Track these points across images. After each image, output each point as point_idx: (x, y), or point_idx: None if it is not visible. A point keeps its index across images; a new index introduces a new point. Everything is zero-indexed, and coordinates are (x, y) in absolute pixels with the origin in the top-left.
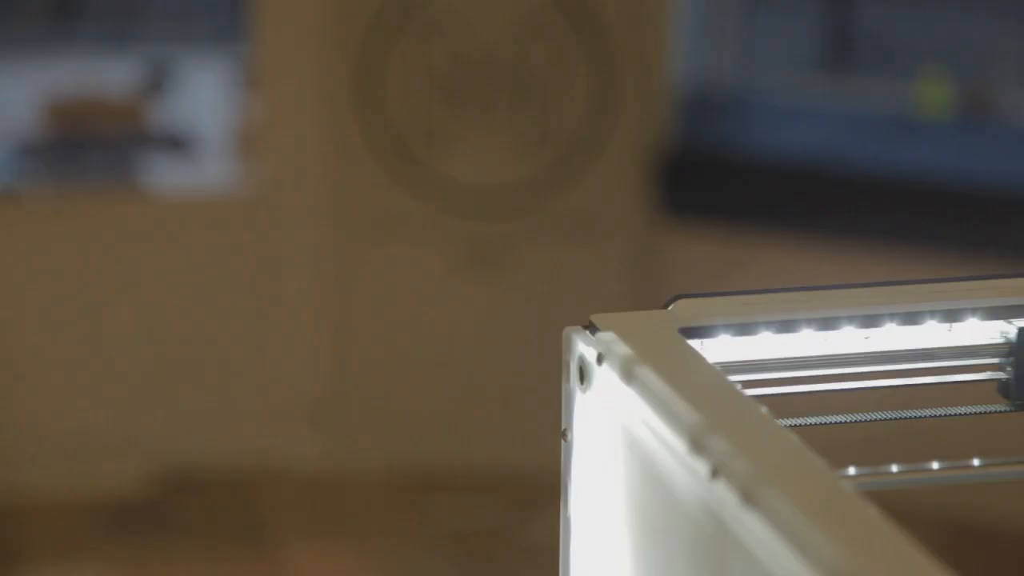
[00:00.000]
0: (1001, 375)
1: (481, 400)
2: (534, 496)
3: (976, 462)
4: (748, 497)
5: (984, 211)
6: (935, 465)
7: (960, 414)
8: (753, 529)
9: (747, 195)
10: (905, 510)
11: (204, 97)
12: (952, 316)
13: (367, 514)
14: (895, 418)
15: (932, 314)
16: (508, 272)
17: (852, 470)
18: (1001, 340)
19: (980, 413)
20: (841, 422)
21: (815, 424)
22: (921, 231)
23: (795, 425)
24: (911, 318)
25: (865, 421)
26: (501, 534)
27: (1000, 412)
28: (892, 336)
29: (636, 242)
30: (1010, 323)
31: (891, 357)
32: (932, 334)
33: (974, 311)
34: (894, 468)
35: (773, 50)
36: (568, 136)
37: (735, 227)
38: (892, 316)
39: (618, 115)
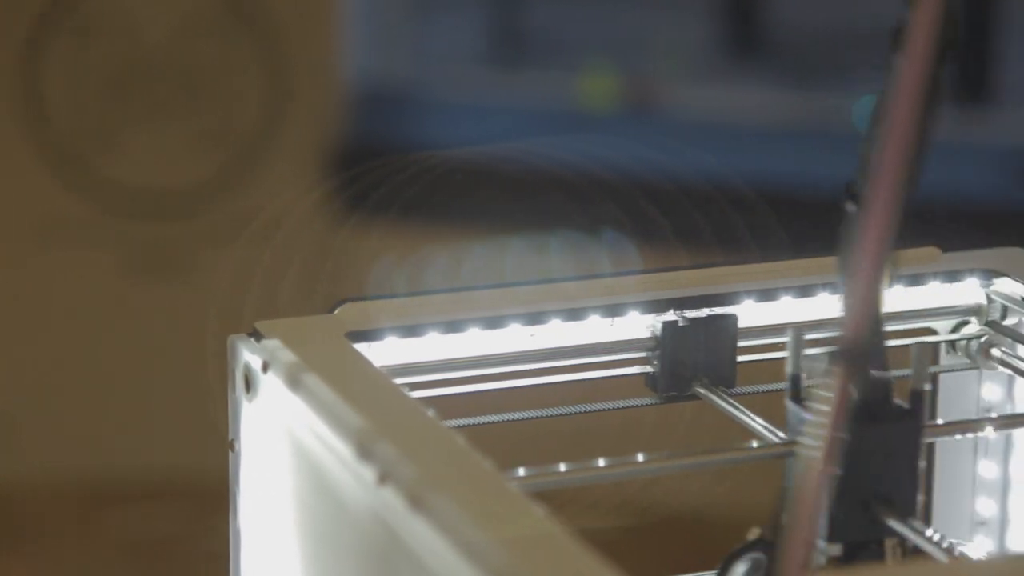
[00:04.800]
0: (649, 368)
1: (159, 407)
2: (216, 504)
3: (640, 457)
4: (415, 503)
5: (652, 203)
6: (601, 462)
7: (611, 408)
8: (421, 535)
9: (423, 192)
10: (596, 502)
11: None
12: (613, 311)
13: (43, 528)
14: (551, 415)
15: (595, 309)
16: (183, 275)
17: (522, 471)
18: (648, 335)
19: (630, 407)
20: (504, 420)
21: (482, 423)
22: (591, 224)
23: (463, 425)
24: (575, 314)
25: (524, 419)
26: (183, 543)
27: (648, 405)
28: (557, 332)
29: (313, 242)
30: (658, 316)
31: (555, 354)
32: (595, 329)
33: (635, 305)
34: (562, 467)
35: (444, 47)
36: (241, 136)
37: (412, 224)
38: (557, 312)
39: (291, 114)
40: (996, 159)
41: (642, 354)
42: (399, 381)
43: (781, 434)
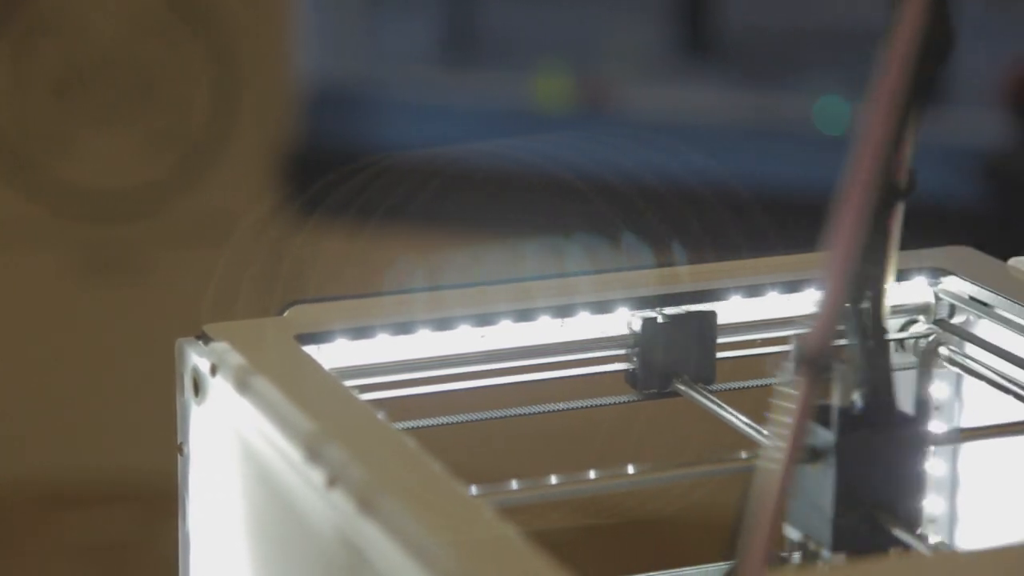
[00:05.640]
0: (628, 365)
1: (110, 409)
2: (170, 507)
3: (601, 472)
4: (365, 505)
5: (606, 203)
6: (557, 479)
7: (590, 406)
8: (371, 538)
9: (378, 192)
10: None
11: None
12: (565, 311)
13: None
14: (530, 413)
15: (546, 309)
16: (135, 277)
17: (475, 488)
18: (627, 331)
19: (609, 404)
20: (463, 421)
21: (436, 425)
22: (547, 225)
23: (415, 428)
24: (528, 315)
25: (484, 420)
26: (136, 547)
27: (628, 402)
28: (509, 333)
29: (268, 244)
30: (637, 313)
31: (508, 354)
32: (547, 329)
33: (593, 305)
34: (515, 484)
35: (398, 47)
36: (193, 136)
37: (368, 225)
38: (508, 313)
39: (244, 114)
40: (944, 158)
41: (622, 351)
42: (349, 383)
43: (762, 430)
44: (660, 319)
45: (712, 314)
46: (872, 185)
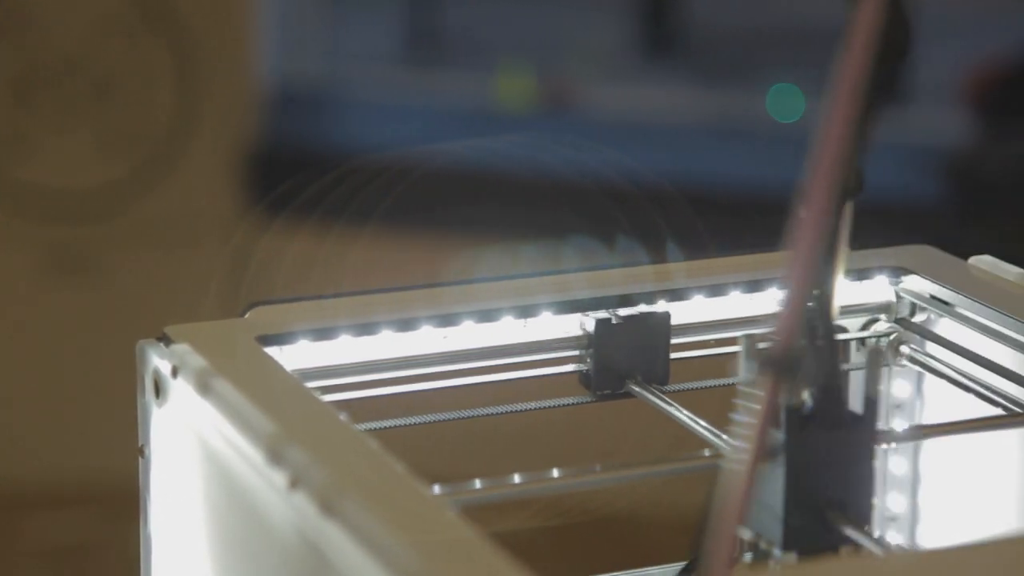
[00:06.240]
0: (582, 366)
1: (71, 412)
2: (132, 509)
3: (566, 471)
4: (326, 507)
5: (572, 203)
6: (521, 477)
7: (543, 407)
8: (333, 540)
9: (341, 192)
10: (520, 504)
11: None
12: (528, 311)
13: None
14: (487, 415)
15: (509, 310)
16: (96, 279)
17: (438, 488)
18: (581, 333)
19: (562, 406)
20: (423, 422)
21: (398, 426)
22: (512, 225)
23: (377, 429)
24: (488, 315)
25: (444, 420)
26: (99, 549)
27: (582, 403)
28: (471, 333)
29: (229, 244)
30: (590, 315)
31: (468, 355)
32: (509, 330)
33: (549, 305)
34: (478, 483)
35: (360, 47)
36: (153, 137)
37: (330, 225)
38: (470, 314)
39: (204, 114)
40: (905, 157)
41: (576, 352)
42: (311, 385)
43: (715, 430)
44: (614, 320)
45: (666, 315)
46: (833, 184)
